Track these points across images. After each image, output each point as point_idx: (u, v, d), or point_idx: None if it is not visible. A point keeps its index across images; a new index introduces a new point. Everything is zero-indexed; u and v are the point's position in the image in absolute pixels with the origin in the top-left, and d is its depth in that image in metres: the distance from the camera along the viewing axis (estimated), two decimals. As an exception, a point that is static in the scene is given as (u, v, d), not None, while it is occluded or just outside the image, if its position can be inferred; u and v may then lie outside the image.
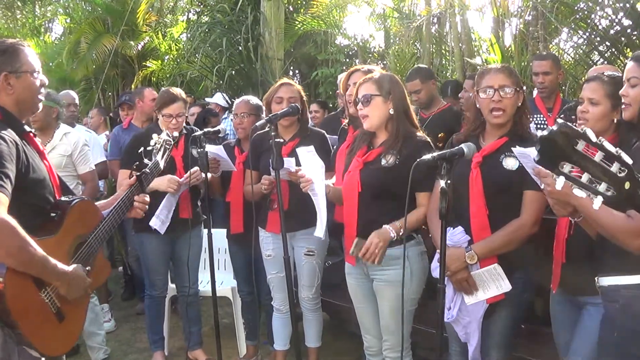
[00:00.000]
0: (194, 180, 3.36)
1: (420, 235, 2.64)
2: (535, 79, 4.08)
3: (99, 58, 10.03)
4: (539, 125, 3.85)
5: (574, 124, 1.19)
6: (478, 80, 2.44)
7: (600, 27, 6.02)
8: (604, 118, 2.18)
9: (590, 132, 1.17)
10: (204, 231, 3.31)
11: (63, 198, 2.08)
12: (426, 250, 2.65)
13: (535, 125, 3.76)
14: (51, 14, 14.65)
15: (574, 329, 2.25)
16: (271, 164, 2.71)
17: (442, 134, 3.65)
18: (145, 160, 2.40)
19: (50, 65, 10.91)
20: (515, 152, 2.20)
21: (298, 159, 2.75)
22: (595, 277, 1.98)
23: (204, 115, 6.45)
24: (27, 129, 2.02)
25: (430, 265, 2.55)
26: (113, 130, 5.16)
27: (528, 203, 2.32)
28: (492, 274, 2.33)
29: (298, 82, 5.03)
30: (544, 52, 5.28)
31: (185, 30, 10.50)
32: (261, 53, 8.48)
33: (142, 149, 2.44)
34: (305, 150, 2.73)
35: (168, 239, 3.56)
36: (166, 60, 10.03)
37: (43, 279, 1.84)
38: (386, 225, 2.49)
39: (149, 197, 2.36)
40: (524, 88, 2.51)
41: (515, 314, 2.41)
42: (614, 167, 1.18)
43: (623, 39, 5.72)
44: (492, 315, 2.38)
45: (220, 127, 3.61)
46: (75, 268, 1.94)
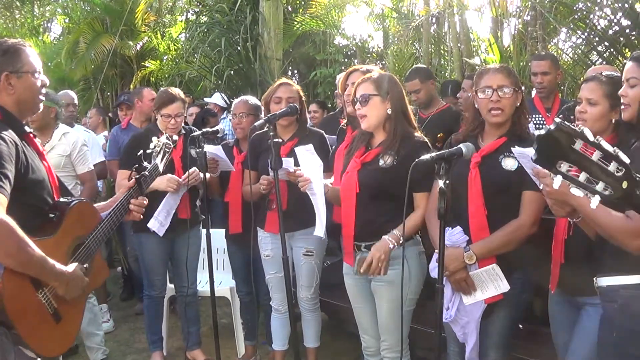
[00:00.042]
0: (193, 180, 3.36)
1: (419, 235, 2.64)
2: (534, 79, 4.08)
3: (97, 58, 10.01)
4: (538, 125, 3.85)
5: (572, 124, 1.19)
6: (477, 80, 2.44)
7: (599, 27, 6.01)
8: (602, 118, 2.17)
9: (587, 131, 1.17)
10: (203, 231, 3.30)
11: (62, 199, 2.08)
12: (424, 250, 2.65)
13: (534, 125, 3.75)
14: (50, 14, 14.63)
15: (572, 329, 2.25)
16: (270, 164, 2.70)
17: (441, 134, 3.65)
18: (145, 163, 2.39)
19: (49, 65, 10.87)
20: (514, 152, 2.20)
21: (297, 159, 2.75)
22: (594, 278, 1.98)
23: (203, 115, 6.45)
24: (27, 129, 2.02)
25: (428, 265, 2.55)
26: (112, 130, 5.16)
27: (527, 203, 2.31)
28: (491, 274, 2.33)
29: (297, 82, 5.04)
30: (543, 52, 5.28)
31: (183, 30, 10.50)
32: (260, 53, 8.48)
33: (142, 151, 2.44)
34: (304, 148, 2.73)
35: (167, 239, 3.55)
36: (165, 60, 10.04)
37: (41, 279, 1.83)
38: (385, 237, 2.50)
39: (148, 198, 2.36)
40: (523, 88, 2.51)
41: (513, 315, 2.41)
42: (611, 167, 1.18)
43: (622, 39, 5.71)
44: (491, 315, 2.38)
45: (219, 127, 3.61)
46: (74, 268, 1.94)
